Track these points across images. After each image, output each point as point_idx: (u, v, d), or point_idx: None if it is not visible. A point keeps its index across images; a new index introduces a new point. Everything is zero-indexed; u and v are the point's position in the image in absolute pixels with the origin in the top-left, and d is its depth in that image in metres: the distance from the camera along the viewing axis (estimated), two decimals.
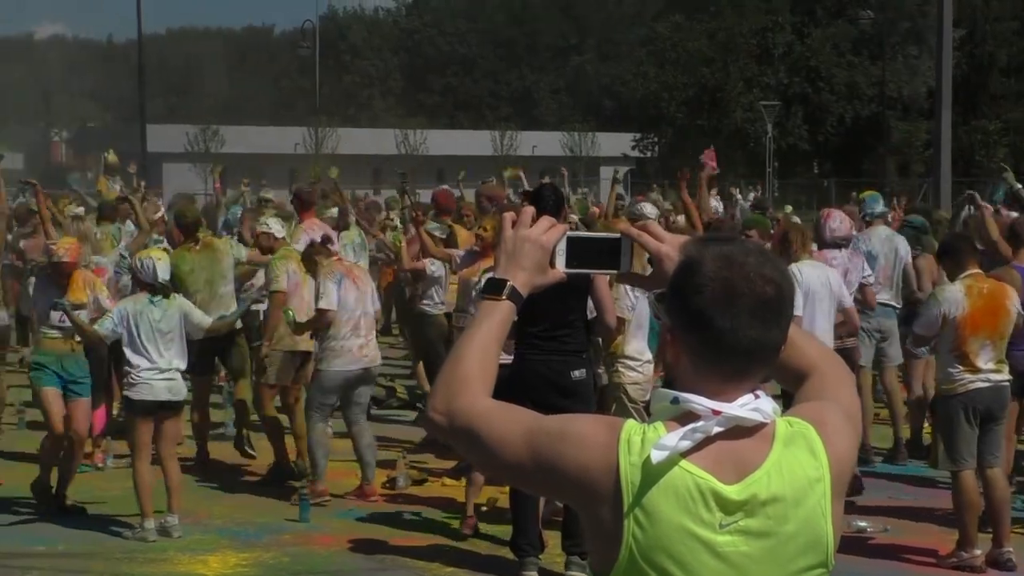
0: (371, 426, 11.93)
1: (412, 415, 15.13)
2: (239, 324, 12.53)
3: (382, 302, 20.40)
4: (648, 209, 14.50)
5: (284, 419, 12.51)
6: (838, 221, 11.98)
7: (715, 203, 16.47)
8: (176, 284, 11.76)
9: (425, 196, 22.65)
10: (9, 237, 15.24)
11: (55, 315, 10.87)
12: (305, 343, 12.28)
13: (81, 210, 16.62)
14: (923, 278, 13.24)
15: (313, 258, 11.50)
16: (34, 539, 10.48)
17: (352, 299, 11.27)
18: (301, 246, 12.50)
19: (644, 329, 10.28)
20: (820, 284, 10.47)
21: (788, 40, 75.05)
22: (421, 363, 14.64)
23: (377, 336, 11.90)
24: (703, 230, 13.13)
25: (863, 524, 10.48)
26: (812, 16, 76.48)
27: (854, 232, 12.68)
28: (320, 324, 11.20)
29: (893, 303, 13.04)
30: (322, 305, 11.11)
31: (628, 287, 9.81)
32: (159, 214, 16.30)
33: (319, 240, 11.94)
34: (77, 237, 12.24)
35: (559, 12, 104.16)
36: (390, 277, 19.65)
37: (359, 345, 11.29)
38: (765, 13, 76.04)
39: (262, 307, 13.30)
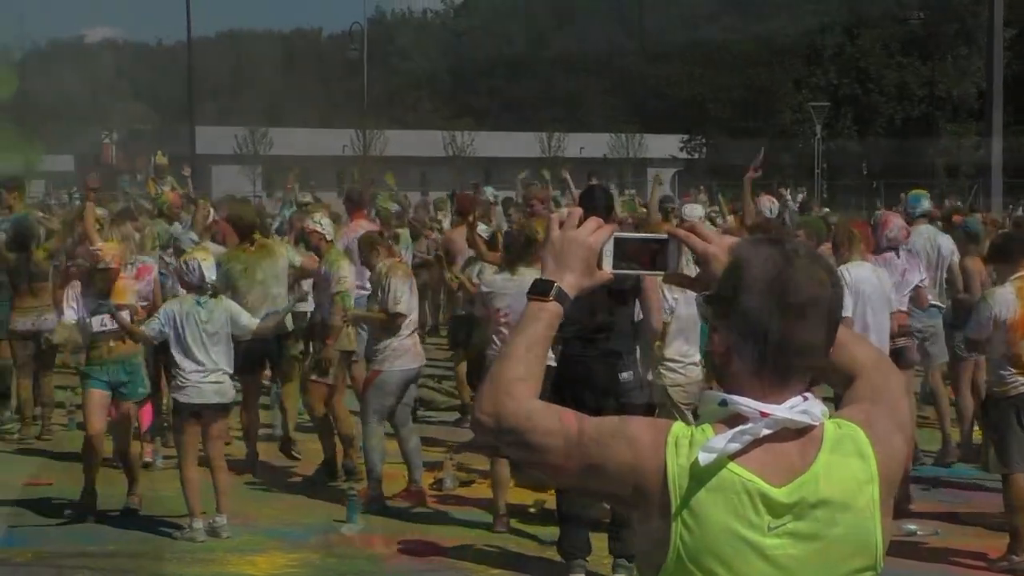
0: (417, 427, 11.95)
1: (457, 416, 15.14)
2: (289, 326, 12.57)
3: (430, 302, 20.53)
4: (691, 210, 14.46)
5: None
6: (896, 230, 11.90)
7: (770, 205, 16.29)
8: (229, 284, 11.82)
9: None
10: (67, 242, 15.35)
11: (96, 320, 10.91)
12: (351, 342, 12.36)
13: (103, 211, 16.61)
14: (972, 280, 13.13)
15: (375, 247, 11.56)
16: (84, 539, 10.54)
17: (414, 302, 11.41)
18: (339, 247, 12.61)
19: (687, 332, 10.24)
20: (871, 285, 10.42)
21: (838, 41, 74.70)
22: (464, 366, 14.62)
23: (424, 337, 11.93)
24: (748, 232, 13.08)
25: (913, 527, 10.42)
26: (862, 16, 76.12)
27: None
28: (390, 325, 11.23)
29: (937, 302, 12.93)
30: (401, 309, 11.13)
31: (666, 289, 9.79)
32: (211, 218, 16.33)
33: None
34: (119, 239, 12.31)
35: (607, 14, 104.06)
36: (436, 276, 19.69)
37: (414, 343, 11.39)
38: (814, 15, 75.77)
39: (307, 308, 13.32)
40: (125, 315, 10.76)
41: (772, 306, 2.69)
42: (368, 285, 12.24)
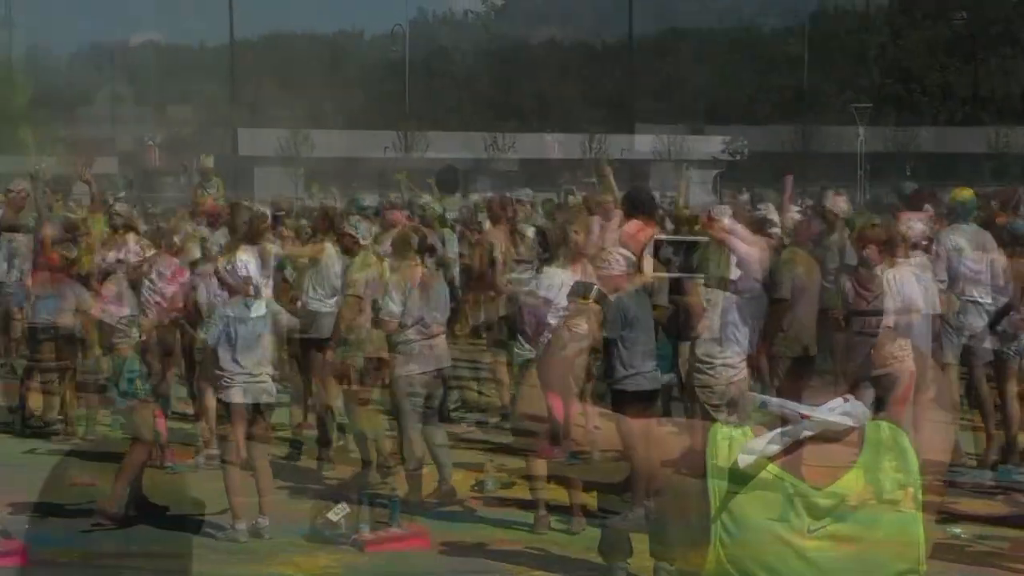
0: (458, 429, 11.94)
1: (497, 418, 15.13)
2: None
3: (470, 304, 20.49)
4: (721, 211, 14.41)
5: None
6: (910, 225, 11.80)
7: (844, 206, 16.01)
8: (286, 279, 11.94)
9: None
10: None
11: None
12: (380, 349, 12.29)
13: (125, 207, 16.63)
14: (1013, 283, 12.99)
15: (398, 247, 11.57)
16: (126, 539, 10.58)
17: (422, 304, 11.28)
18: (386, 248, 12.65)
19: (719, 334, 10.20)
20: (915, 288, 10.37)
21: (882, 41, 74.46)
22: (504, 367, 14.60)
23: (466, 339, 11.89)
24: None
25: (957, 530, 10.35)
26: (909, 17, 75.87)
27: (931, 230, 12.49)
28: (381, 328, 11.30)
29: (983, 299, 12.76)
30: (382, 315, 11.19)
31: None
32: (268, 222, 16.41)
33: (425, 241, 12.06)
34: (153, 240, 12.44)
35: (652, 13, 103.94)
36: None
37: (430, 346, 11.32)
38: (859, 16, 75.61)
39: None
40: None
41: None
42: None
